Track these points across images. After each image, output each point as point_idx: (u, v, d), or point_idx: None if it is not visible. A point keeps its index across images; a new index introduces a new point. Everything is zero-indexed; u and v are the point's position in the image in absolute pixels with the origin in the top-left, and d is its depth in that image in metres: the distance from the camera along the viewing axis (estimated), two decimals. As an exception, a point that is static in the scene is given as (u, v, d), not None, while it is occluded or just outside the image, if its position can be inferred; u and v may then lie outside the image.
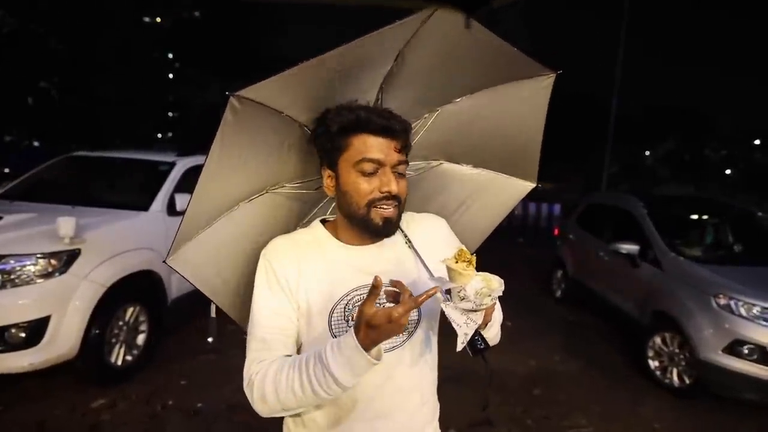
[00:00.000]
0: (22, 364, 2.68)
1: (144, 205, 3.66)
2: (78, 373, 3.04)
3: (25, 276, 2.72)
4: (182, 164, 4.15)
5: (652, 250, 4.17)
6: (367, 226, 0.95)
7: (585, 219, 5.87)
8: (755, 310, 3.25)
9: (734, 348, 3.24)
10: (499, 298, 0.84)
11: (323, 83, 0.94)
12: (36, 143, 17.21)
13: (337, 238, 1.01)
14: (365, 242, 1.00)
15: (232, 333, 4.67)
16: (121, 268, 3.17)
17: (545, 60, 1.09)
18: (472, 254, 0.83)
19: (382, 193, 0.92)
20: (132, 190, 4.12)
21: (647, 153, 29.57)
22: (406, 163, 0.96)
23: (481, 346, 0.83)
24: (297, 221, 1.21)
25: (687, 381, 3.54)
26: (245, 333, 1.04)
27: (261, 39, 20.60)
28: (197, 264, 1.07)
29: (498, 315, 1.03)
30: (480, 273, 0.81)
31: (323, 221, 1.06)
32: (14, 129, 15.94)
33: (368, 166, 0.92)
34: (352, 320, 0.94)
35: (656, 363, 3.80)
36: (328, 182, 0.99)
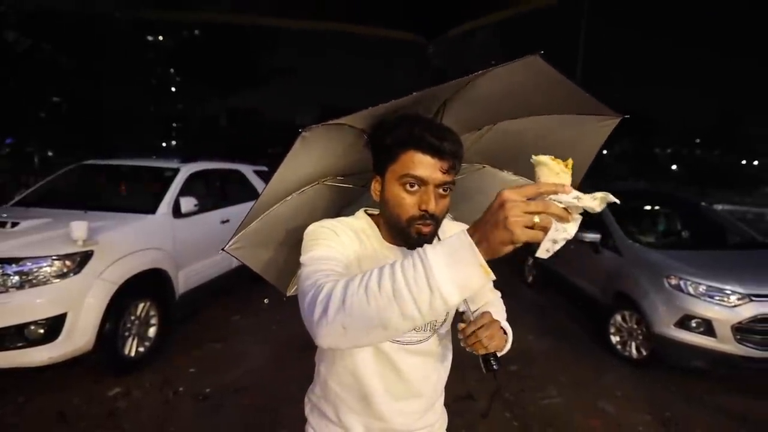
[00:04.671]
0: (41, 358, 2.62)
1: (151, 209, 3.59)
2: (94, 365, 2.98)
3: (42, 276, 2.65)
4: (186, 170, 4.09)
5: (612, 238, 4.24)
6: (403, 237, 0.91)
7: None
8: (701, 288, 3.33)
9: (684, 322, 3.32)
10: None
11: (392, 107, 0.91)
12: (50, 153, 16.76)
13: (380, 234, 0.98)
14: (402, 243, 0.96)
15: (236, 324, 4.65)
16: (132, 267, 3.11)
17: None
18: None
19: (420, 210, 0.86)
20: (140, 195, 4.05)
21: (605, 152, 30.08)
22: (453, 183, 0.88)
23: (495, 367, 0.80)
24: (338, 211, 1.20)
25: (644, 353, 3.62)
26: (285, 296, 1.19)
27: (258, 52, 20.28)
28: (250, 247, 1.11)
29: (509, 331, 1.02)
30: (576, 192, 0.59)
31: (368, 213, 1.01)
32: (31, 140, 15.49)
33: (411, 182, 0.86)
34: None
35: (617, 338, 3.88)
36: (375, 186, 0.94)
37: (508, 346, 0.99)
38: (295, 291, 1.20)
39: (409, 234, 0.88)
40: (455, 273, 0.57)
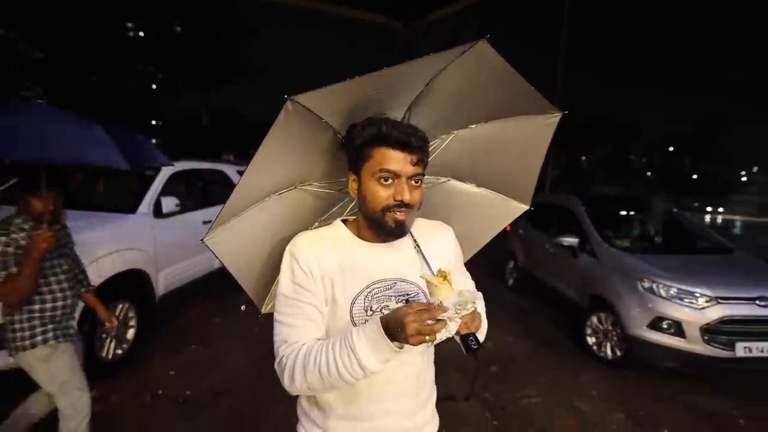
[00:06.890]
0: (5, 363, 2.53)
1: (131, 209, 3.53)
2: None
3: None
4: (167, 170, 4.02)
5: (589, 243, 4.38)
6: (381, 227, 0.98)
7: (533, 216, 6.07)
8: (672, 291, 3.47)
9: (656, 324, 3.45)
10: None
11: (363, 97, 0.97)
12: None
13: (357, 236, 1.04)
14: (381, 240, 1.03)
15: (217, 326, 4.56)
16: (110, 267, 3.05)
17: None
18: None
19: (395, 200, 0.95)
20: (120, 194, 3.97)
21: (583, 158, 30.74)
22: (422, 174, 0.98)
23: (475, 347, 0.85)
24: (317, 217, 1.23)
25: (618, 354, 3.74)
26: (260, 313, 1.20)
27: (237, 48, 19.99)
28: (228, 246, 1.09)
29: (484, 321, 1.08)
30: (457, 289, 0.84)
31: (344, 221, 1.08)
32: None
33: (385, 176, 0.95)
34: (371, 311, 0.97)
35: (593, 339, 4.00)
36: (352, 185, 1.02)
37: (483, 335, 1.05)
38: (270, 309, 1.18)
39: (385, 222, 0.96)
40: (377, 356, 0.84)
